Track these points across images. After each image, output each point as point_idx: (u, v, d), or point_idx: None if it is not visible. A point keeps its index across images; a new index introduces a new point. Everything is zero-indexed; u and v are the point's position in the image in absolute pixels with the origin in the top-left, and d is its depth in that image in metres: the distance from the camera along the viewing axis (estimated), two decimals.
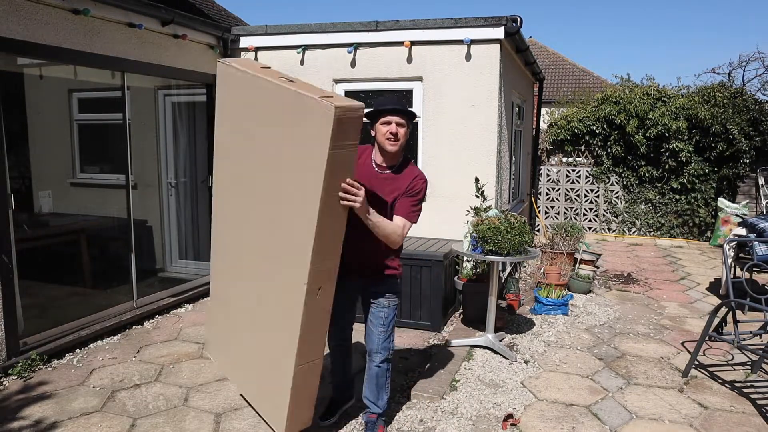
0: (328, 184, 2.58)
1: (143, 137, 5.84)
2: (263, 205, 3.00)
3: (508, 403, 3.73)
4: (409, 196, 2.98)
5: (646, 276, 7.41)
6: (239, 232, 3.26)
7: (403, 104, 2.99)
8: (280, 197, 2.87)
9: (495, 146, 5.77)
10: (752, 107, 9.80)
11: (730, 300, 4.10)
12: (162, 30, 5.34)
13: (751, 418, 3.58)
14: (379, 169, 3.04)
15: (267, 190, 2.96)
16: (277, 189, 2.88)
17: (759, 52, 22.42)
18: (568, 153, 10.94)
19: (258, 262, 3.10)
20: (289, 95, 2.72)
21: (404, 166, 3.06)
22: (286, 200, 2.82)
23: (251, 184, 3.09)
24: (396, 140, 2.92)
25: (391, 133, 2.90)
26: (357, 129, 2.61)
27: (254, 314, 3.17)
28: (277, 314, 2.93)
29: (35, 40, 4.18)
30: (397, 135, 2.92)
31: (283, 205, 2.84)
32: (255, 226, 3.09)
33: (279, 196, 2.87)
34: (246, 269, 3.23)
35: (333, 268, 2.82)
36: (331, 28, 6.05)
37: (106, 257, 5.63)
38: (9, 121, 4.07)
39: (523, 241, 4.32)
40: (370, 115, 2.97)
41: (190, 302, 5.90)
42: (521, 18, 5.52)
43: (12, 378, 4.01)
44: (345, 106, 2.50)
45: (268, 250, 2.99)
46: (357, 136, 2.63)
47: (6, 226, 4.06)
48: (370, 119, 3.00)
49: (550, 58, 20.90)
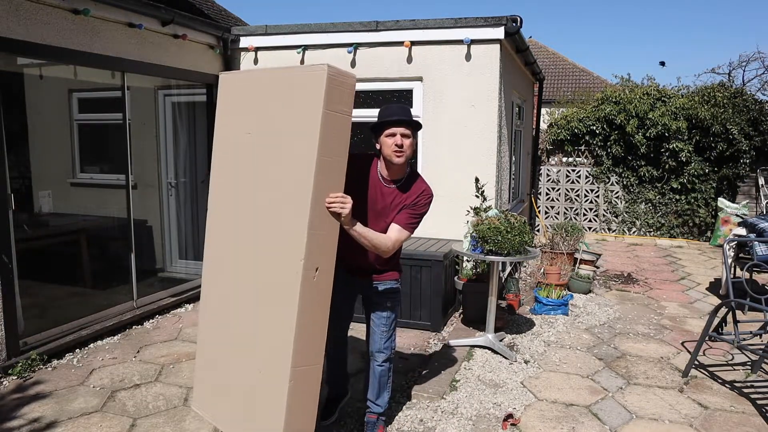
0: (323, 146, 2.49)
1: (143, 137, 5.84)
2: (261, 193, 2.82)
3: (508, 403, 3.73)
4: (411, 208, 2.97)
5: (646, 276, 7.41)
6: (235, 228, 2.98)
7: (408, 113, 2.94)
8: (278, 179, 2.71)
9: (495, 146, 5.77)
10: (752, 107, 9.80)
11: (730, 300, 4.10)
12: (162, 30, 5.34)
13: (751, 418, 3.58)
14: (385, 183, 2.99)
15: (265, 175, 2.81)
16: (276, 171, 2.73)
17: (759, 52, 22.40)
18: (568, 153, 10.94)
19: (254, 254, 2.83)
20: (282, 74, 2.75)
21: (412, 180, 3.02)
22: (283, 179, 2.67)
23: (248, 175, 2.92)
24: (402, 151, 2.86)
25: (396, 144, 2.84)
26: (350, 96, 2.58)
27: (250, 320, 2.83)
28: (274, 308, 2.67)
29: (35, 40, 4.18)
30: (403, 146, 2.85)
31: (281, 185, 2.68)
32: (252, 215, 2.88)
33: (277, 177, 2.71)
34: (241, 266, 2.91)
35: (331, 249, 2.64)
36: (331, 28, 6.05)
37: (106, 257, 5.63)
38: (9, 121, 4.07)
39: (523, 241, 4.32)
40: (374, 128, 2.95)
41: (190, 302, 5.90)
42: (521, 18, 5.52)
43: (12, 378, 4.01)
44: (337, 69, 2.51)
45: (264, 237, 2.78)
46: (350, 105, 2.60)
47: (6, 226, 4.06)
48: (374, 131, 2.97)
49: (550, 58, 20.91)
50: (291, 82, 2.69)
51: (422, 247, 5.25)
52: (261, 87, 2.88)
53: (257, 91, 2.90)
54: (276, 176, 2.72)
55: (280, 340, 2.61)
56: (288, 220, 2.63)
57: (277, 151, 2.72)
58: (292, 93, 2.66)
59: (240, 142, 2.94)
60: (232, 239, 2.97)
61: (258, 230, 2.80)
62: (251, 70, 3.09)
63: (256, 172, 2.84)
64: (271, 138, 2.77)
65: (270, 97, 2.80)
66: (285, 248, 2.62)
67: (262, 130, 2.82)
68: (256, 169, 2.85)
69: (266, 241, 2.74)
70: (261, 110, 2.84)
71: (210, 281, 3.13)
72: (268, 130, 2.79)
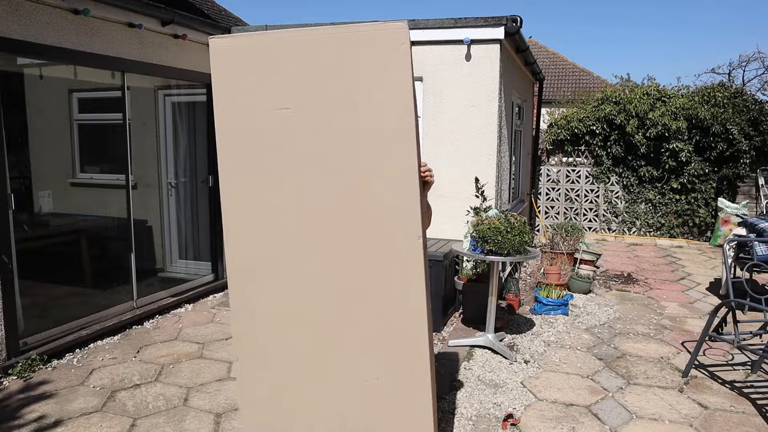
0: (413, 116, 2.22)
1: (143, 137, 5.84)
2: (328, 179, 2.39)
3: (508, 403, 3.73)
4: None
5: (646, 276, 7.41)
6: (291, 223, 2.44)
7: None
8: (353, 159, 2.33)
9: (495, 146, 5.77)
10: (752, 107, 9.81)
11: (730, 300, 4.10)
12: (162, 30, 5.34)
13: (751, 418, 3.58)
14: None
15: (328, 157, 2.38)
16: (347, 150, 2.34)
17: (759, 52, 22.38)
18: (568, 153, 10.94)
19: (335, 248, 2.40)
20: (330, 35, 2.27)
21: None
22: (363, 157, 2.32)
23: (298, 160, 2.42)
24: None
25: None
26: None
27: (344, 324, 2.41)
28: (383, 300, 2.33)
29: (35, 40, 4.18)
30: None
31: (360, 164, 2.33)
32: (320, 204, 2.40)
33: (351, 157, 2.33)
34: (316, 266, 2.44)
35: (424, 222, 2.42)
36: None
37: (106, 257, 5.63)
38: (9, 121, 4.07)
39: (523, 241, 4.32)
40: None
41: (190, 302, 5.90)
42: (521, 18, 5.52)
43: (12, 378, 4.01)
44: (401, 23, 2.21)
45: (349, 228, 2.37)
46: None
47: (6, 226, 4.06)
48: None
49: (550, 58, 20.91)
50: (353, 43, 2.26)
51: None
52: (294, 53, 2.38)
53: (287, 58, 2.40)
54: (349, 156, 2.33)
55: (402, 332, 2.32)
56: (385, 200, 2.30)
57: (346, 127, 2.32)
58: (355, 57, 2.27)
59: (271, 125, 2.44)
60: (289, 237, 2.46)
61: (335, 220, 2.38)
62: (263, 34, 2.48)
63: (312, 154, 2.38)
64: (329, 113, 2.34)
65: (315, 65, 2.34)
66: (388, 231, 2.30)
67: (311, 105, 2.36)
68: (310, 151, 2.38)
69: (353, 231, 2.36)
70: (301, 82, 2.37)
71: (254, 291, 2.51)
72: (321, 103, 2.34)
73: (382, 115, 2.26)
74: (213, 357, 4.47)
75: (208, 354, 4.53)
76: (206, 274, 6.42)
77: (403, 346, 2.34)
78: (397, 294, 2.33)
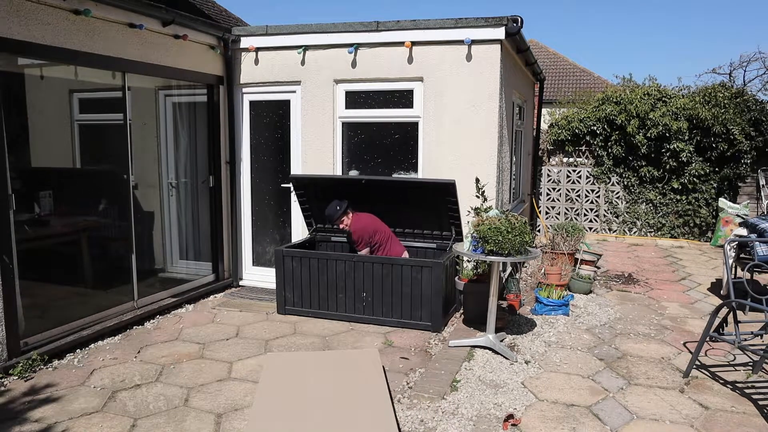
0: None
1: (144, 138, 5.83)
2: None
3: (509, 403, 3.72)
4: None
5: (646, 276, 7.41)
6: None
7: (334, 212, 5.52)
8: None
9: (496, 146, 5.77)
10: (753, 107, 9.80)
11: (731, 300, 4.09)
12: (163, 30, 5.34)
13: (753, 418, 3.57)
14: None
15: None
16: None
17: (760, 53, 22.31)
18: (569, 153, 10.93)
19: None
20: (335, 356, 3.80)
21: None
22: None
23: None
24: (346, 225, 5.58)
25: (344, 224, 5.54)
26: None
27: None
28: None
29: (36, 40, 4.18)
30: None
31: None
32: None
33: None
34: None
35: None
36: (332, 29, 6.05)
37: (106, 257, 5.62)
38: (10, 121, 4.08)
39: (524, 242, 4.32)
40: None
41: (191, 302, 5.90)
42: (522, 18, 5.52)
43: (13, 378, 4.01)
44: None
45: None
46: None
47: (7, 227, 4.06)
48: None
49: (550, 58, 20.91)
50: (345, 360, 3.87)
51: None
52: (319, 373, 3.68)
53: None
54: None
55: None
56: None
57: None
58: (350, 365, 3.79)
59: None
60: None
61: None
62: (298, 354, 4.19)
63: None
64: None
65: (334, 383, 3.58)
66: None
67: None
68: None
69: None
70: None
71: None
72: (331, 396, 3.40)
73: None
74: (213, 357, 4.47)
75: (209, 354, 4.53)
76: (207, 274, 6.42)
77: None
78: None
